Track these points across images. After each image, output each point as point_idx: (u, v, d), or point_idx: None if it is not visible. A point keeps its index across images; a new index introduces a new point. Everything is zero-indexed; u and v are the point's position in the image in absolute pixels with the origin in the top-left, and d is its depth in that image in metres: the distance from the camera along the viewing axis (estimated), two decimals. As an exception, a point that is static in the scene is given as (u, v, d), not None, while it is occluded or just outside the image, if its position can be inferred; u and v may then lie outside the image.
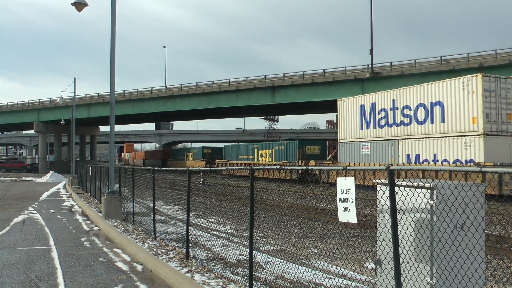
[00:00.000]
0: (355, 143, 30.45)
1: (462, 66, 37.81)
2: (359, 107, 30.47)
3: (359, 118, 30.43)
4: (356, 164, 28.99)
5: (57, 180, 43.79)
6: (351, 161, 30.51)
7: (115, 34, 15.04)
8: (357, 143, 30.26)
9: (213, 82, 54.73)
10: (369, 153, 29.09)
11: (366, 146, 29.46)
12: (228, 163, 49.08)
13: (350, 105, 31.43)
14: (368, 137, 29.50)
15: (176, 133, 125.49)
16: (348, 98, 32.22)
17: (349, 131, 31.40)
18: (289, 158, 38.63)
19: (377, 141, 28.70)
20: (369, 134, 29.49)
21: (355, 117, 30.78)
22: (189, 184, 8.91)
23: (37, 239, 11.50)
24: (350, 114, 31.33)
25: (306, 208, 17.69)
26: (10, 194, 26.62)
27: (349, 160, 30.72)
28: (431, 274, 4.30)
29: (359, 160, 29.70)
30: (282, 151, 40.20)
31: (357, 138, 30.51)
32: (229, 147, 53.12)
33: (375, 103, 29.13)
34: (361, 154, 29.68)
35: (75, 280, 7.48)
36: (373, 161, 28.35)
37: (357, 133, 30.58)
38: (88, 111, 66.44)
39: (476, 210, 4.31)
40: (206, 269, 7.77)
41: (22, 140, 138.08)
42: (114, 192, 14.94)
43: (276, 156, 40.99)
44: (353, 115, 30.99)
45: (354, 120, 30.87)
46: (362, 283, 7.42)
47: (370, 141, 29.27)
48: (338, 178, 4.77)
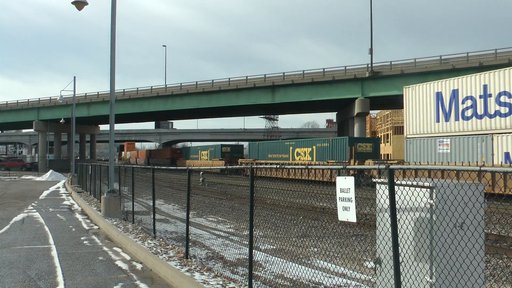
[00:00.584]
0: (429, 139, 25.62)
1: (462, 65, 37.84)
2: (434, 96, 25.48)
3: (435, 109, 25.42)
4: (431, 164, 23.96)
5: (56, 179, 43.79)
6: (422, 160, 25.73)
7: (115, 32, 15.05)
8: (432, 139, 25.41)
9: (213, 81, 54.74)
10: (448, 151, 24.40)
11: (444, 142, 24.68)
12: (254, 162, 44.25)
13: (421, 93, 26.49)
14: (448, 132, 24.74)
15: (176, 132, 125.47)
16: (418, 85, 27.21)
17: (420, 125, 26.38)
18: (337, 157, 34.33)
19: (460, 136, 24.01)
20: (448, 128, 24.74)
21: (429, 108, 25.77)
22: (189, 183, 8.91)
23: (37, 238, 11.50)
24: (422, 104, 26.31)
25: (305, 207, 17.70)
26: (10, 193, 26.62)
27: (420, 159, 25.91)
28: (431, 273, 4.30)
29: (435, 159, 24.95)
30: (326, 149, 35.91)
31: (431, 133, 25.63)
32: (255, 145, 47.75)
33: (457, 90, 24.28)
34: (438, 152, 24.92)
35: (74, 279, 7.48)
36: (453, 160, 23.97)
37: (431, 126, 25.65)
38: (88, 110, 66.44)
39: (476, 209, 4.31)
40: (206, 268, 7.77)
41: (22, 139, 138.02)
42: (114, 191, 14.95)
43: (318, 155, 36.50)
44: (426, 105, 26.00)
45: (427, 111, 25.87)
46: (362, 282, 7.42)
47: (450, 136, 24.52)
48: (338, 177, 4.77)
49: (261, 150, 45.28)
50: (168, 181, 17.28)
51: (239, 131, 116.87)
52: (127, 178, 15.63)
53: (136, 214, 13.97)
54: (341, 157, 33.97)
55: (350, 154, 33.02)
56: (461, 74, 38.01)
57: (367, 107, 44.26)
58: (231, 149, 55.57)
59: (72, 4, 16.37)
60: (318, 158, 36.30)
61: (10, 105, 73.90)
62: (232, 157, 52.62)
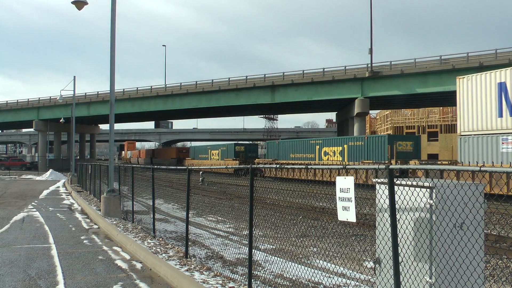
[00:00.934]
0: (489, 136, 22.69)
1: (462, 65, 37.85)
2: (496, 86, 22.56)
3: (496, 101, 22.48)
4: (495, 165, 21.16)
5: (56, 178, 43.79)
6: (480, 161, 22.81)
7: (115, 32, 15.04)
8: (493, 137, 22.45)
9: (213, 81, 54.73)
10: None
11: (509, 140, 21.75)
12: (274, 162, 41.00)
13: (479, 84, 23.54)
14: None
15: (176, 131, 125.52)
16: (476, 75, 24.25)
17: (477, 120, 23.47)
18: (374, 157, 30.98)
19: None
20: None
21: (489, 100, 22.87)
22: (189, 182, 8.92)
23: (37, 237, 11.50)
24: (480, 96, 23.38)
25: (305, 207, 17.70)
26: (10, 192, 26.62)
27: (478, 159, 23.09)
28: (430, 273, 4.31)
29: (497, 159, 22.02)
30: (361, 148, 32.34)
31: (492, 130, 22.67)
32: (274, 144, 43.75)
33: None
34: (500, 152, 22.00)
35: (74, 278, 7.49)
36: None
37: (491, 122, 22.75)
38: (88, 109, 66.44)
39: (475, 209, 4.32)
40: (206, 268, 7.78)
41: (22, 138, 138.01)
42: (114, 190, 14.95)
43: (351, 154, 33.03)
44: (485, 98, 23.09)
45: (487, 105, 22.97)
46: (361, 282, 7.43)
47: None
48: (337, 177, 4.78)
49: (282, 149, 41.64)
50: (168, 180, 17.29)
51: (239, 131, 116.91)
52: (127, 177, 15.63)
53: (135, 214, 13.97)
54: (378, 157, 30.59)
55: (390, 154, 29.56)
56: (461, 74, 38.02)
57: (367, 107, 44.26)
58: (245, 148, 51.78)
59: (72, 4, 16.37)
60: (351, 158, 32.84)
61: (10, 105, 73.92)
62: (246, 157, 48.78)
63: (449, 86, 38.93)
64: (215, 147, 57.41)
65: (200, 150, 62.21)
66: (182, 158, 66.09)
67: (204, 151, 60.17)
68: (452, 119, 40.67)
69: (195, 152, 64.01)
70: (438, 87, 39.65)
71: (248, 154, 50.07)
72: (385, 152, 30.02)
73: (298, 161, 37.88)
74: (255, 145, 57.83)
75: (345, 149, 33.74)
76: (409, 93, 41.72)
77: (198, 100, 56.21)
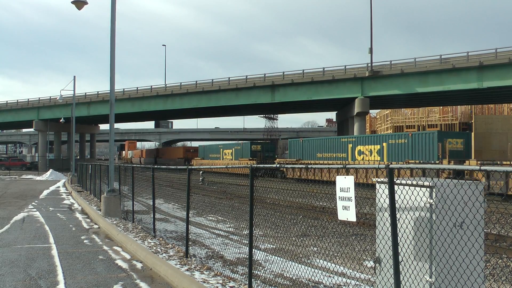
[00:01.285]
0: None
1: (462, 65, 37.84)
2: None
3: None
4: None
5: (56, 178, 43.80)
6: None
7: (115, 32, 15.05)
8: None
9: (213, 81, 54.72)
10: None
11: None
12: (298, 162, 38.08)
13: None
14: None
15: (176, 131, 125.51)
16: None
17: None
18: (421, 156, 27.63)
19: None
20: None
21: None
22: (189, 182, 8.92)
23: (37, 237, 11.51)
24: None
25: (305, 206, 17.71)
26: (10, 192, 26.63)
27: None
28: (430, 272, 4.31)
29: None
30: (403, 147, 28.95)
31: None
32: (298, 142, 40.06)
33: None
34: None
35: (75, 278, 7.49)
36: None
37: None
38: (88, 109, 66.44)
39: (475, 209, 4.32)
40: (206, 267, 7.78)
41: (22, 138, 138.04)
42: (114, 190, 14.95)
43: (392, 153, 29.69)
44: None
45: None
46: (362, 281, 7.43)
47: None
48: (337, 177, 4.78)
49: (307, 148, 38.39)
50: (168, 180, 17.29)
51: (239, 131, 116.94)
52: (127, 177, 15.64)
53: (136, 214, 13.98)
54: (427, 156, 27.24)
55: (441, 152, 26.34)
56: (461, 74, 38.09)
57: (367, 106, 44.24)
58: (262, 147, 47.84)
59: (72, 4, 16.37)
60: (392, 158, 29.42)
61: (10, 105, 73.91)
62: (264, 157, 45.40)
63: (449, 85, 38.95)
64: (228, 146, 54.43)
65: (211, 150, 58.70)
66: (190, 158, 62.96)
67: (216, 150, 56.72)
68: (452, 118, 40.63)
69: (205, 151, 60.29)
70: (438, 87, 39.63)
71: (265, 154, 46.61)
72: (435, 151, 26.76)
73: (328, 161, 34.98)
74: (272, 144, 53.99)
75: (384, 148, 30.58)
76: (409, 93, 41.70)
77: (198, 99, 56.21)
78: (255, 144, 48.28)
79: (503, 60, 35.89)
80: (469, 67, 37.55)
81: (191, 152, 66.07)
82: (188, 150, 67.96)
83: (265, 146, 48.93)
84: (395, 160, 29.23)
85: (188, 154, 64.97)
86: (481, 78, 37.33)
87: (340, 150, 34.59)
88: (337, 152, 34.84)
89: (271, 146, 50.71)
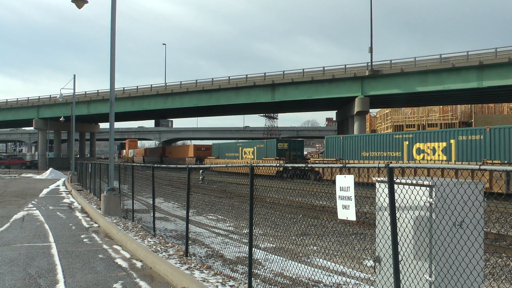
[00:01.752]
0: None
1: (462, 64, 37.83)
2: None
3: None
4: None
5: (56, 177, 43.80)
6: None
7: (115, 31, 15.04)
8: None
9: (213, 80, 54.70)
10: None
11: None
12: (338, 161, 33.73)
13: None
14: None
15: (176, 130, 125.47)
16: None
17: None
18: (502, 156, 23.29)
19: None
20: None
21: None
22: (189, 181, 8.92)
23: (37, 235, 11.51)
24: None
25: (305, 205, 17.71)
26: (10, 191, 26.63)
27: None
28: (430, 271, 4.31)
29: None
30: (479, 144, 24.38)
31: None
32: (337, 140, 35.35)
33: None
34: None
35: (74, 277, 7.49)
36: None
37: None
38: (88, 108, 66.41)
39: (475, 208, 4.32)
40: (206, 266, 7.79)
41: (22, 137, 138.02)
42: (114, 189, 14.95)
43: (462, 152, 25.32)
44: None
45: None
46: (361, 280, 7.44)
47: None
48: (337, 176, 4.78)
49: (349, 146, 34.15)
50: (168, 179, 17.29)
51: (239, 130, 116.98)
52: (127, 176, 15.64)
53: (136, 212, 13.98)
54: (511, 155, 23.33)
55: None
56: (461, 73, 38.09)
57: (367, 105, 44.23)
58: (289, 146, 42.71)
59: (72, 3, 16.35)
60: (462, 157, 25.30)
61: (10, 103, 73.87)
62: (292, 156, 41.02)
63: (449, 84, 38.93)
64: (248, 145, 49.07)
65: (228, 148, 53.20)
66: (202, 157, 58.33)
67: (234, 149, 51.32)
68: (452, 117, 40.65)
69: (220, 150, 54.99)
70: (438, 86, 39.62)
71: (292, 153, 41.95)
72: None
73: (376, 160, 30.93)
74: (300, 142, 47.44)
75: (452, 145, 26.09)
76: (409, 92, 41.70)
77: (198, 98, 56.18)
78: (282, 142, 42.80)
79: (503, 59, 35.88)
80: (469, 67, 37.53)
81: (202, 150, 61.29)
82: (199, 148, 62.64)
83: (293, 145, 43.34)
84: (467, 160, 24.97)
85: (200, 153, 60.44)
86: (481, 77, 37.32)
87: (394, 148, 30.18)
88: (389, 151, 30.45)
89: (299, 144, 44.95)
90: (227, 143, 56.89)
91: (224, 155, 52.70)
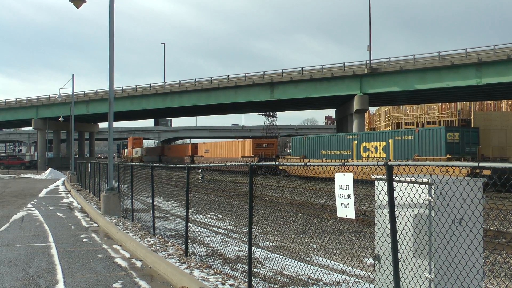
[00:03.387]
0: None
1: (460, 61, 37.84)
2: None
3: None
4: None
5: (56, 177, 43.78)
6: None
7: (114, 30, 15.01)
8: None
9: (212, 79, 54.67)
10: None
11: None
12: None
13: None
14: None
15: (175, 129, 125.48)
16: None
17: None
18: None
19: None
20: None
21: None
22: (188, 180, 8.91)
23: (36, 236, 11.50)
24: None
25: (305, 204, 17.71)
26: (9, 191, 26.61)
27: None
28: (430, 269, 4.31)
29: None
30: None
31: None
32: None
33: None
34: None
35: (74, 277, 7.49)
36: None
37: None
38: (87, 107, 66.37)
39: (474, 205, 4.32)
40: (205, 265, 7.78)
41: (21, 137, 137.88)
42: (113, 188, 14.94)
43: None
44: None
45: None
46: (361, 278, 7.44)
47: None
48: (336, 174, 4.77)
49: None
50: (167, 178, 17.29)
51: (238, 129, 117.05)
52: (126, 176, 15.62)
53: (135, 212, 13.97)
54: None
55: None
56: (460, 71, 38.07)
57: (366, 103, 44.25)
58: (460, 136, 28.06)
59: (70, 2, 16.31)
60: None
61: (8, 103, 73.81)
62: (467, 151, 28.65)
63: (448, 82, 38.94)
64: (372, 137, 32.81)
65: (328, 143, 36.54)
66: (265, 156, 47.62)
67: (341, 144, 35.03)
68: (451, 115, 40.62)
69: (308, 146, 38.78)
70: (437, 83, 39.63)
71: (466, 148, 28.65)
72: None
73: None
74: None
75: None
76: (408, 90, 41.72)
77: (197, 97, 56.16)
78: (452, 131, 27.66)
79: (501, 56, 35.88)
80: (467, 64, 37.52)
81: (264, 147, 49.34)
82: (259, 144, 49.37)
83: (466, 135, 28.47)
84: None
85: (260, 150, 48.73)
86: (480, 74, 37.33)
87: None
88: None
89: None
90: (326, 136, 38.67)
91: (319, 154, 37.14)
